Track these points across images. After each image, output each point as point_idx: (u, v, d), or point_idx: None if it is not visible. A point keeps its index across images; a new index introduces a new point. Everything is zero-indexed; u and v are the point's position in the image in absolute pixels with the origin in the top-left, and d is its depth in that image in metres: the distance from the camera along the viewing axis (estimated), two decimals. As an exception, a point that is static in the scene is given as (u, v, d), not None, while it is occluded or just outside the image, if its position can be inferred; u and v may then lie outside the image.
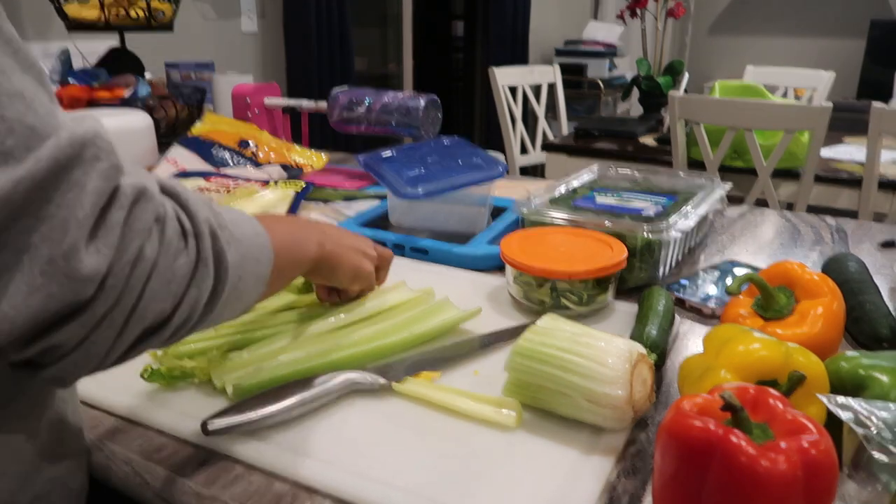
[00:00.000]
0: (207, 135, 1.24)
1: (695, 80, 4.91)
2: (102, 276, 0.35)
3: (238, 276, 0.44)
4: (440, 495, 0.47)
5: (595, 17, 4.72)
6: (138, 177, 0.38)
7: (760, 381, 0.49)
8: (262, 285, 0.49)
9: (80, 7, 1.53)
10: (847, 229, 1.09)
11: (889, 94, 3.65)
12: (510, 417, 0.55)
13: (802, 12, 4.95)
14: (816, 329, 0.59)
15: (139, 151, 1.25)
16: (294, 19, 2.58)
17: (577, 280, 0.72)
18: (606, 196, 0.97)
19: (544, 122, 2.92)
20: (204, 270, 0.41)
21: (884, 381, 0.50)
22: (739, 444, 0.38)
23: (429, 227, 0.99)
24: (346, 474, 0.49)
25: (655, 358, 0.61)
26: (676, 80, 2.51)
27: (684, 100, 1.91)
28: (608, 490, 0.49)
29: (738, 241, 1.03)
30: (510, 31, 3.76)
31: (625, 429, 0.55)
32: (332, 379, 0.57)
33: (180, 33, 1.84)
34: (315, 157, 1.32)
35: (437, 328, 0.67)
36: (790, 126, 1.78)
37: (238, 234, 0.45)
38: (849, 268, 0.79)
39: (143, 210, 0.37)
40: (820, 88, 2.86)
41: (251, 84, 1.45)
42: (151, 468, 0.51)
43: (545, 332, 0.56)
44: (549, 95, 3.00)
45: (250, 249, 0.47)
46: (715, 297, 0.80)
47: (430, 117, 1.28)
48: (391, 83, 3.65)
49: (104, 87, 1.48)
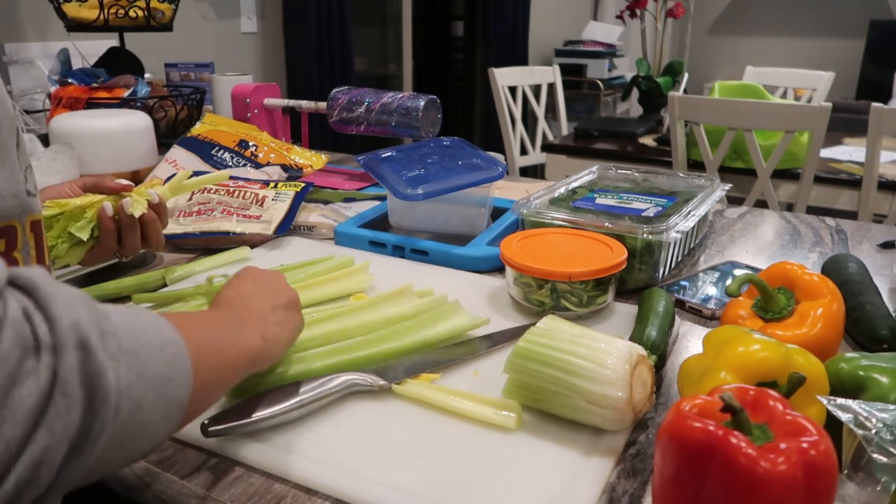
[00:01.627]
0: (207, 135, 1.24)
1: (694, 81, 4.91)
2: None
3: (134, 405, 0.33)
4: (440, 496, 0.47)
5: (595, 18, 4.72)
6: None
7: (760, 382, 0.49)
8: (177, 412, 0.37)
9: (80, 7, 1.53)
10: (847, 230, 1.09)
11: (888, 95, 3.65)
12: (510, 419, 0.55)
13: (802, 13, 4.95)
14: (816, 330, 0.59)
15: (139, 152, 1.25)
16: (294, 19, 2.58)
17: (576, 281, 0.72)
18: (606, 197, 0.97)
19: (544, 122, 2.92)
20: (62, 403, 0.29)
21: (883, 382, 0.50)
22: (739, 445, 0.38)
23: (428, 228, 0.99)
24: (346, 475, 0.49)
25: (655, 359, 0.61)
26: (676, 81, 2.51)
27: (684, 100, 1.91)
28: (608, 491, 0.49)
29: (737, 242, 1.03)
30: (510, 31, 3.76)
31: (625, 430, 0.55)
32: (331, 380, 0.57)
33: (180, 33, 1.84)
34: (315, 158, 1.32)
35: (445, 335, 0.67)
36: (790, 126, 1.78)
37: (134, 344, 0.34)
38: (848, 269, 0.79)
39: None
40: (819, 89, 2.86)
41: (251, 84, 1.45)
42: (151, 470, 0.51)
43: (545, 334, 0.56)
44: (548, 96, 3.00)
45: (153, 365, 0.35)
46: (715, 298, 0.80)
47: (429, 118, 1.28)
48: (391, 83, 3.65)
49: (104, 87, 1.48)
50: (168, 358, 0.37)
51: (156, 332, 0.37)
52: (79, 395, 0.30)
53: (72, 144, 1.16)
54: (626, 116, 3.80)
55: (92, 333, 0.31)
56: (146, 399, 0.34)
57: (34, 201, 0.47)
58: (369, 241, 0.94)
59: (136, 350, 0.34)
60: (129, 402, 0.33)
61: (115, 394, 0.32)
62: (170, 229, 0.88)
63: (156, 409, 0.35)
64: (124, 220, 0.71)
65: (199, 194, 0.99)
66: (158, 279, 0.81)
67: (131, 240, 0.73)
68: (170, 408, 0.36)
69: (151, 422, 0.35)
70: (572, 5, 4.56)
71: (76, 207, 0.70)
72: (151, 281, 0.81)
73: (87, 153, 1.18)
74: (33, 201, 0.47)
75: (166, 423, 0.37)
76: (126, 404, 0.33)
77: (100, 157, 1.21)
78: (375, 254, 0.93)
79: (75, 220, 0.69)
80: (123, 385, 0.32)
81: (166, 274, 0.82)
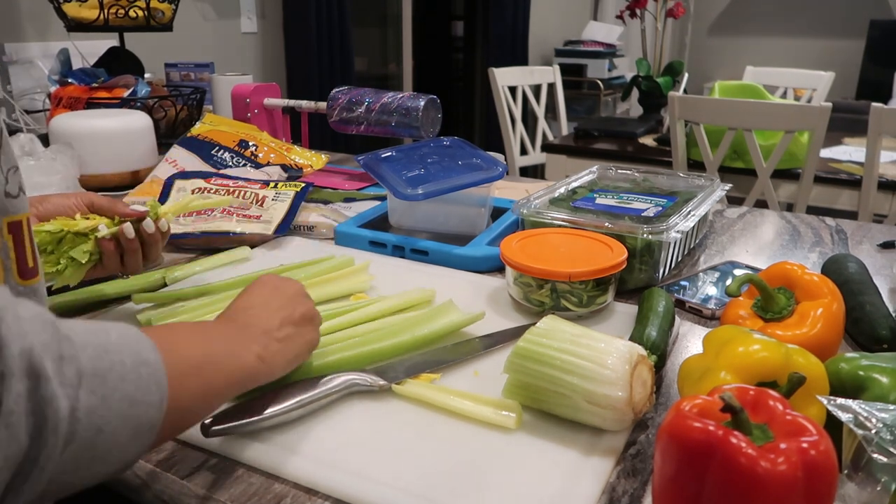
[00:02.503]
0: (207, 135, 1.24)
1: (694, 81, 4.91)
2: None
3: (95, 429, 0.32)
4: (440, 496, 0.47)
5: (595, 18, 4.72)
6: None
7: (760, 382, 0.49)
8: (148, 434, 0.36)
9: (80, 7, 1.53)
10: (847, 230, 1.09)
11: (889, 95, 3.65)
12: (510, 419, 0.55)
13: (802, 12, 4.95)
14: (816, 330, 0.59)
15: (139, 152, 1.25)
16: (294, 19, 2.58)
17: (576, 281, 0.72)
18: (606, 197, 0.97)
19: (544, 122, 2.92)
20: (3, 433, 0.28)
21: (883, 382, 0.50)
22: (739, 445, 0.38)
23: (428, 228, 0.99)
24: (346, 475, 0.49)
25: (655, 359, 0.61)
26: (676, 81, 2.51)
27: (684, 100, 1.91)
28: (608, 491, 0.49)
29: (737, 242, 1.03)
30: (510, 31, 3.76)
31: (625, 430, 0.55)
32: (331, 380, 0.57)
33: (180, 33, 1.84)
34: (315, 158, 1.32)
35: (440, 331, 0.67)
36: (790, 126, 1.78)
37: (100, 365, 0.33)
38: (848, 269, 0.79)
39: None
40: (819, 89, 2.86)
41: (251, 84, 1.45)
42: (151, 469, 0.51)
43: (545, 334, 0.56)
44: (548, 96, 3.00)
45: (123, 388, 0.34)
46: (715, 298, 0.80)
47: (429, 118, 1.28)
48: (391, 83, 3.65)
49: (104, 87, 1.48)
50: (141, 379, 0.35)
51: (130, 351, 0.36)
52: (25, 424, 0.29)
53: (72, 144, 1.16)
54: (626, 116, 3.80)
55: (46, 359, 0.31)
56: (110, 423, 0.33)
57: (14, 203, 0.46)
58: (369, 241, 0.95)
59: (102, 373, 0.33)
60: (90, 426, 0.32)
61: (66, 422, 0.31)
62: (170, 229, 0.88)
63: (122, 432, 0.34)
64: (125, 245, 0.70)
65: (199, 194, 0.99)
66: (158, 279, 0.81)
67: (134, 261, 0.71)
68: (140, 430, 0.35)
69: (117, 444, 0.34)
70: (572, 5, 4.56)
71: (80, 230, 0.68)
72: (151, 281, 0.81)
73: (87, 153, 1.18)
74: (12, 203, 0.46)
75: (136, 444, 0.36)
76: (84, 429, 0.32)
77: (100, 157, 1.21)
78: (375, 254, 0.93)
79: (79, 242, 0.68)
80: (82, 411, 0.32)
81: (166, 274, 0.82)
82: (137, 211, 0.70)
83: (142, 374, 0.36)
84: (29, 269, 0.47)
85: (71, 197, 0.72)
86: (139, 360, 0.36)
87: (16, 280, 0.46)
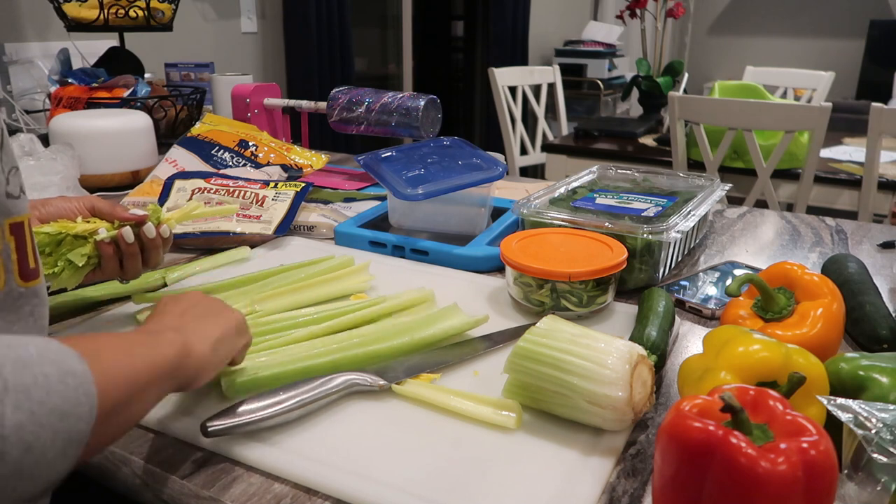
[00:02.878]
0: (207, 135, 1.24)
1: (694, 81, 4.91)
2: None
3: (24, 447, 0.31)
4: (440, 496, 0.47)
5: (595, 18, 4.72)
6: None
7: (760, 382, 0.49)
8: (76, 447, 0.35)
9: (80, 7, 1.53)
10: (847, 230, 1.09)
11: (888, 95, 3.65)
12: (510, 419, 0.55)
13: (802, 13, 4.95)
14: (816, 330, 0.59)
15: (139, 152, 1.25)
16: (294, 19, 2.58)
17: (576, 281, 0.72)
18: (606, 197, 0.97)
19: (544, 122, 2.92)
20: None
21: (883, 382, 0.50)
22: (739, 445, 0.38)
23: (429, 228, 0.99)
24: (346, 475, 0.49)
25: (655, 359, 0.61)
26: (676, 81, 2.51)
27: (684, 100, 1.91)
28: (608, 491, 0.49)
29: (737, 242, 1.03)
30: (510, 31, 3.76)
31: (625, 430, 0.55)
32: (331, 380, 0.57)
33: (180, 33, 1.84)
34: (315, 158, 1.32)
35: (443, 334, 0.67)
36: (790, 126, 1.78)
37: (24, 379, 0.32)
38: (848, 269, 0.79)
39: None
40: (819, 89, 2.86)
41: (251, 84, 1.45)
42: (151, 469, 0.51)
43: (545, 334, 0.56)
44: (548, 96, 3.00)
45: (49, 400, 0.33)
46: (715, 298, 0.80)
47: (429, 118, 1.28)
48: (391, 83, 3.65)
49: (104, 87, 1.48)
50: (69, 390, 0.34)
51: (52, 363, 0.34)
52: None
53: (72, 144, 1.16)
54: (626, 116, 3.80)
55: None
56: (40, 438, 0.32)
57: (16, 203, 0.46)
58: (369, 241, 0.95)
59: (25, 387, 0.32)
60: (18, 443, 0.31)
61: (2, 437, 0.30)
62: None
63: (51, 448, 0.33)
64: (125, 249, 0.69)
65: (200, 194, 0.99)
66: (158, 279, 0.81)
67: (133, 266, 0.71)
68: (69, 443, 0.34)
69: (44, 461, 0.33)
70: (572, 5, 4.56)
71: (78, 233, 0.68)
72: (151, 281, 0.81)
73: (87, 153, 1.18)
74: (14, 203, 0.46)
75: (63, 459, 0.34)
76: (12, 447, 0.30)
77: (100, 157, 1.21)
78: (375, 254, 0.93)
79: (78, 245, 0.68)
80: (9, 428, 0.30)
81: (166, 274, 0.82)
82: (137, 215, 0.70)
83: (69, 384, 0.34)
84: (30, 270, 0.47)
85: (73, 200, 0.71)
86: (64, 370, 0.34)
87: (17, 282, 0.46)
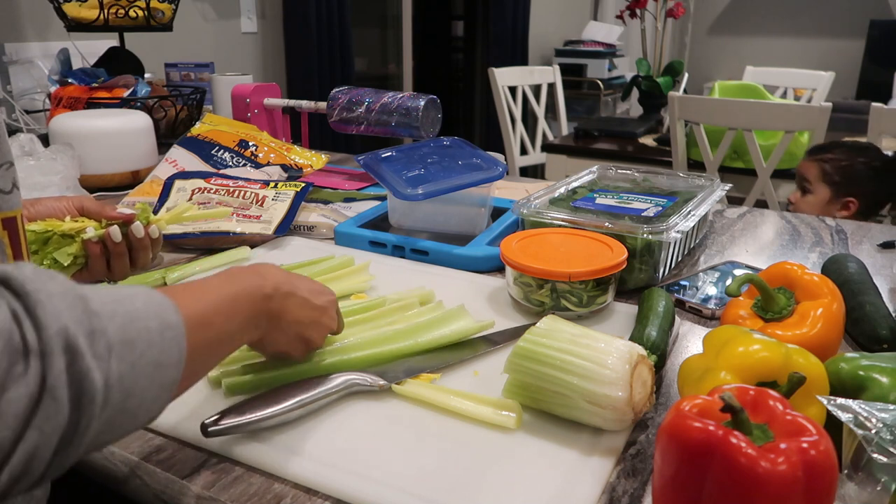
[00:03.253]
0: (207, 135, 1.24)
1: (694, 81, 4.91)
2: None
3: (125, 394, 0.35)
4: (440, 497, 0.47)
5: (595, 18, 4.72)
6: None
7: (760, 382, 0.49)
8: (169, 390, 0.39)
9: (80, 7, 1.53)
10: (847, 230, 1.09)
11: (888, 95, 3.65)
12: (510, 419, 0.55)
13: (802, 13, 4.95)
14: (816, 330, 0.59)
15: (139, 152, 1.25)
16: (294, 19, 2.58)
17: (576, 281, 0.72)
18: (606, 197, 0.97)
19: (544, 122, 2.92)
20: (51, 406, 0.31)
21: (883, 382, 0.50)
22: (739, 445, 0.38)
23: (429, 228, 0.99)
24: (346, 475, 0.49)
25: (655, 359, 0.61)
26: (676, 81, 2.51)
27: (684, 100, 1.91)
28: (608, 491, 0.49)
29: (737, 242, 1.03)
30: (510, 31, 3.76)
31: (625, 430, 0.55)
32: (331, 380, 0.57)
33: (180, 33, 1.84)
34: (315, 158, 1.32)
35: (449, 337, 0.67)
36: (790, 126, 1.78)
37: (129, 334, 0.36)
38: (848, 269, 0.79)
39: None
40: (819, 89, 2.86)
41: (251, 84, 1.45)
42: (151, 470, 0.51)
43: (545, 334, 0.56)
44: (548, 96, 3.00)
45: (149, 353, 0.37)
46: (715, 297, 0.80)
47: (429, 118, 1.28)
48: (391, 83, 3.65)
49: (104, 87, 1.48)
50: (165, 342, 0.38)
51: (155, 316, 0.38)
52: (66, 396, 0.32)
53: (72, 144, 1.16)
54: (626, 116, 3.81)
55: (80, 336, 0.33)
56: (138, 386, 0.36)
57: (8, 198, 0.46)
58: (369, 241, 0.95)
59: (131, 340, 0.36)
60: (121, 391, 0.35)
61: (101, 391, 0.34)
62: (169, 229, 0.88)
63: (148, 393, 0.37)
64: (112, 248, 0.69)
65: (200, 194, 0.99)
66: (158, 279, 0.81)
67: (121, 266, 0.70)
68: (163, 388, 0.38)
69: (144, 403, 0.37)
70: (572, 5, 4.56)
71: (65, 231, 0.67)
72: (151, 281, 0.81)
73: (87, 153, 1.18)
74: (6, 198, 0.46)
75: (158, 402, 0.39)
76: (116, 395, 0.35)
77: (100, 157, 1.21)
78: (375, 254, 0.93)
79: (65, 244, 0.67)
80: (114, 378, 0.34)
81: (166, 274, 0.82)
82: (124, 214, 0.70)
83: (166, 337, 0.38)
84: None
85: (63, 200, 0.71)
86: (164, 323, 0.38)
87: None
